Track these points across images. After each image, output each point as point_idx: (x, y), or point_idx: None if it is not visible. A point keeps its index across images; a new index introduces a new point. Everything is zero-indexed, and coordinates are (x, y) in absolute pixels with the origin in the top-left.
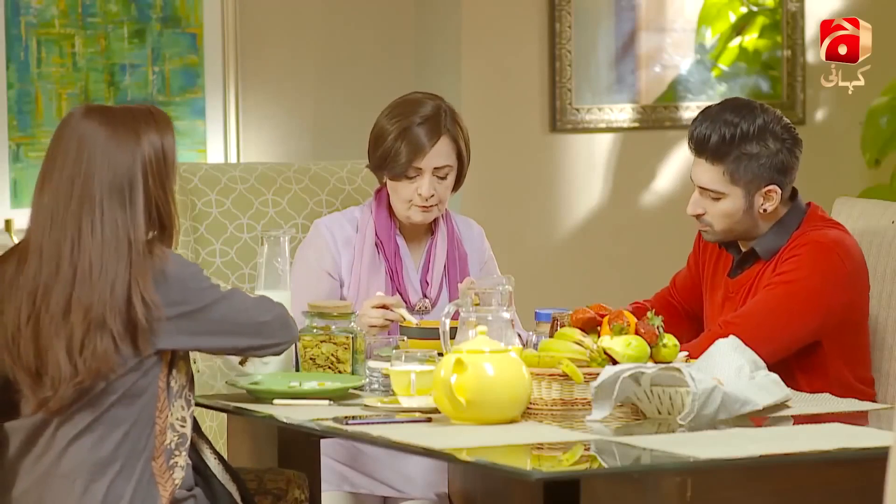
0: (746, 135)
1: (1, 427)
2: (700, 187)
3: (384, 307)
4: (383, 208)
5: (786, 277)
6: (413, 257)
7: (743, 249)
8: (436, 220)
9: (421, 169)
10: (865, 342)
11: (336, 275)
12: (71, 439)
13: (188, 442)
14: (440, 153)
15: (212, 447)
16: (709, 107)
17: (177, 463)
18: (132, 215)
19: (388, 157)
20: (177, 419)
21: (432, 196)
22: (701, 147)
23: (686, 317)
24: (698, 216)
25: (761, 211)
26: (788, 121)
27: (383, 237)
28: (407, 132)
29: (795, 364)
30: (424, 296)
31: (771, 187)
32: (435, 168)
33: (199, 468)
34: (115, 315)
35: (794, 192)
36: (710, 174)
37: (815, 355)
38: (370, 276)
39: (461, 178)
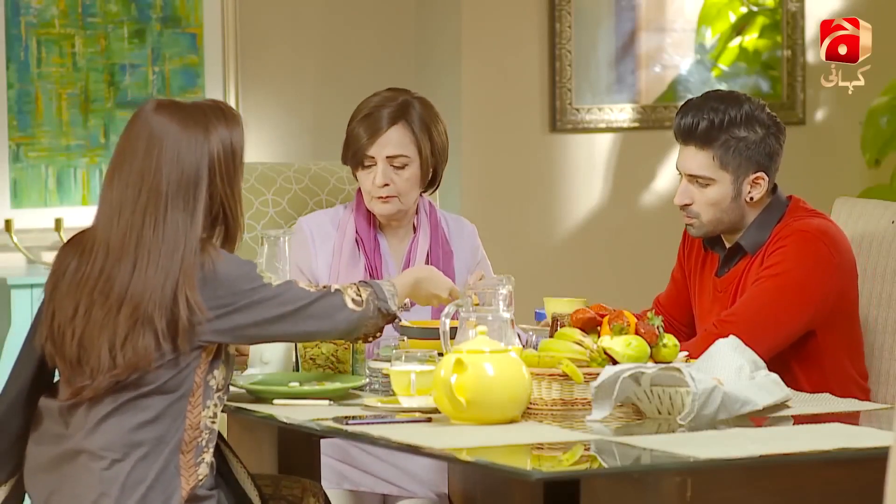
0: (734, 120)
1: (34, 404)
2: (689, 175)
3: None
4: (363, 207)
5: (774, 270)
6: (394, 255)
7: (728, 245)
8: (418, 218)
9: (374, 157)
10: (858, 333)
11: (308, 272)
12: (102, 417)
13: (216, 437)
14: (392, 141)
15: (233, 451)
16: (690, 99)
17: (203, 459)
18: (193, 214)
19: (350, 143)
20: (210, 417)
21: (386, 185)
22: (689, 134)
23: (678, 333)
24: (685, 206)
25: (748, 199)
26: (770, 110)
27: (363, 233)
28: (368, 117)
29: (791, 356)
30: None
31: (758, 174)
32: (388, 157)
33: (221, 470)
34: (161, 313)
35: (774, 186)
36: (698, 159)
37: (810, 346)
38: (349, 272)
39: (436, 177)
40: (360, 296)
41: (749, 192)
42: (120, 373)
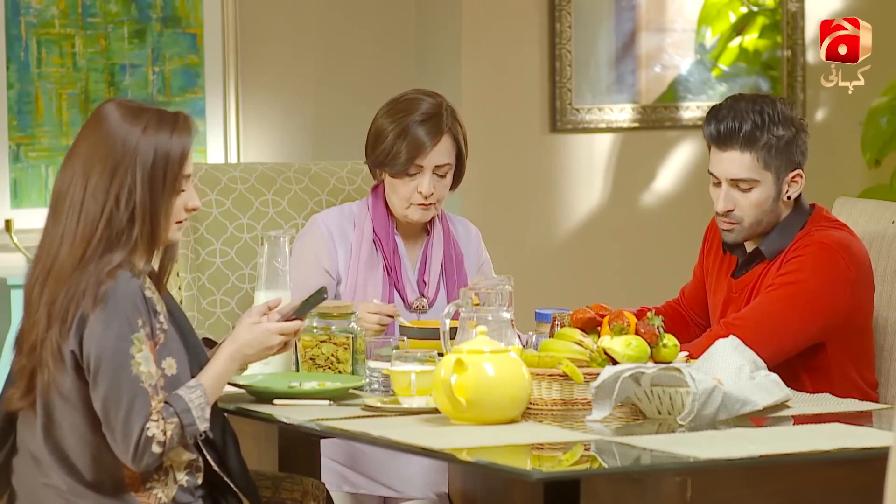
0: (773, 119)
1: (14, 427)
2: (731, 180)
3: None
4: (381, 205)
5: (788, 279)
6: (409, 256)
7: (748, 250)
8: (432, 220)
9: (422, 167)
10: (870, 345)
11: (333, 272)
12: (52, 451)
13: (164, 465)
14: (441, 151)
15: (217, 456)
16: (718, 105)
17: (154, 486)
18: (82, 228)
19: (389, 155)
20: None
21: (431, 194)
22: (731, 138)
23: (695, 326)
24: (728, 212)
25: (785, 199)
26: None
27: (381, 234)
28: (407, 131)
29: (801, 365)
30: (422, 295)
31: (797, 171)
32: (436, 166)
33: (209, 476)
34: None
35: (799, 194)
36: (743, 163)
37: (820, 357)
38: (368, 273)
39: (460, 176)
40: (166, 434)
41: (787, 192)
42: (29, 391)
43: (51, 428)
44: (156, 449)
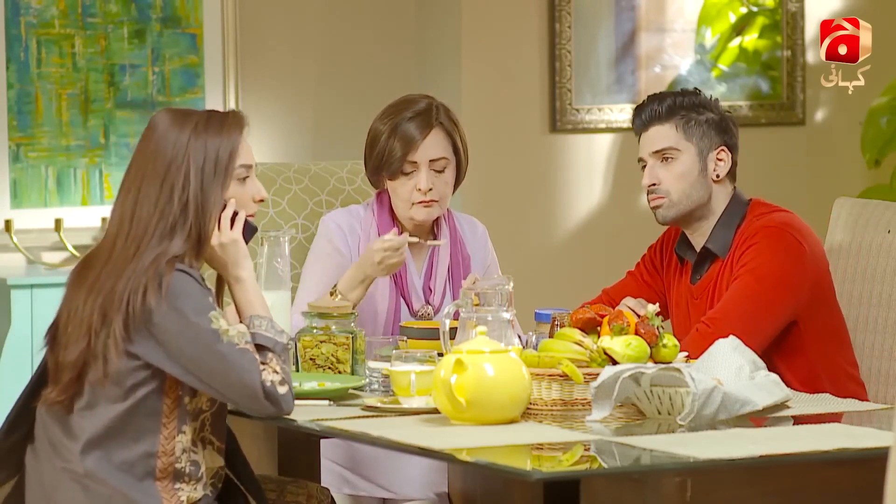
0: (693, 104)
1: (33, 414)
2: (654, 152)
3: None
4: (385, 212)
5: (750, 266)
6: (415, 263)
7: (697, 249)
8: (438, 225)
9: (416, 163)
10: (839, 319)
11: (347, 254)
12: (82, 437)
13: (201, 471)
14: (433, 145)
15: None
16: (641, 101)
17: (182, 489)
18: (164, 207)
19: (384, 156)
20: (186, 443)
21: (431, 190)
22: (652, 117)
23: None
24: (653, 186)
25: (714, 177)
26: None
27: None
28: (398, 128)
29: (773, 350)
30: (427, 302)
31: (722, 147)
32: (431, 161)
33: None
34: (119, 308)
35: (734, 189)
36: (661, 132)
37: (792, 337)
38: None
39: (460, 176)
40: (278, 371)
41: (715, 169)
42: (80, 373)
43: (90, 414)
44: (282, 389)
